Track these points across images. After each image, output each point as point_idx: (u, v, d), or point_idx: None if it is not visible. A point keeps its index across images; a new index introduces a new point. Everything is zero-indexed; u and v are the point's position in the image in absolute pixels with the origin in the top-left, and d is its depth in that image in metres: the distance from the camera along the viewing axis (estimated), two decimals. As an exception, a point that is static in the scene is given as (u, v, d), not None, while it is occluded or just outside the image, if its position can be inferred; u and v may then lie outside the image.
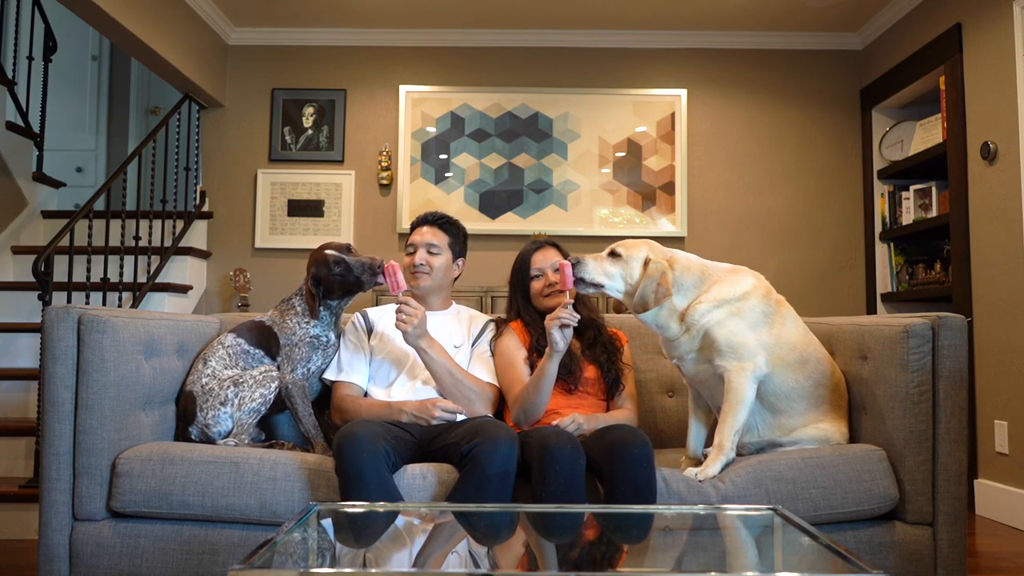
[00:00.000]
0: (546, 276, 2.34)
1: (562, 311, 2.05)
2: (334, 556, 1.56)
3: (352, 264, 2.24)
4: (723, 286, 2.06)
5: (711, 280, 2.08)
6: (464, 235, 2.49)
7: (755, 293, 2.07)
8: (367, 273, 2.23)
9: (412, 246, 2.40)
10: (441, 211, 2.50)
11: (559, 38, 4.67)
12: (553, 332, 2.06)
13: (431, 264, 2.36)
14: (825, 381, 2.11)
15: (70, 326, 2.00)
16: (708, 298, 2.04)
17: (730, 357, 2.00)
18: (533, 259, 2.37)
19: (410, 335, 2.14)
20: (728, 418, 1.99)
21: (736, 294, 2.05)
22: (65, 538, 1.97)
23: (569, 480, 1.83)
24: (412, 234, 2.43)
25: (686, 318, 2.05)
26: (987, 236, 3.45)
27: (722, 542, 1.69)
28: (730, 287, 2.06)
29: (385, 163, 4.61)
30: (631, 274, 2.06)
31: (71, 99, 5.53)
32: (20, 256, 4.20)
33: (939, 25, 3.84)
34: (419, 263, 2.36)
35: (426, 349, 2.17)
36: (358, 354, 2.33)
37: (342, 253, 2.26)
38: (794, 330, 2.10)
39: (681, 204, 4.59)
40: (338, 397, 2.29)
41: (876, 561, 1.95)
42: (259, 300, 4.48)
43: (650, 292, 2.01)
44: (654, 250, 2.09)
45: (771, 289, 2.13)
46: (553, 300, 2.28)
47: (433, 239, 2.38)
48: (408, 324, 2.12)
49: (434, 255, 2.37)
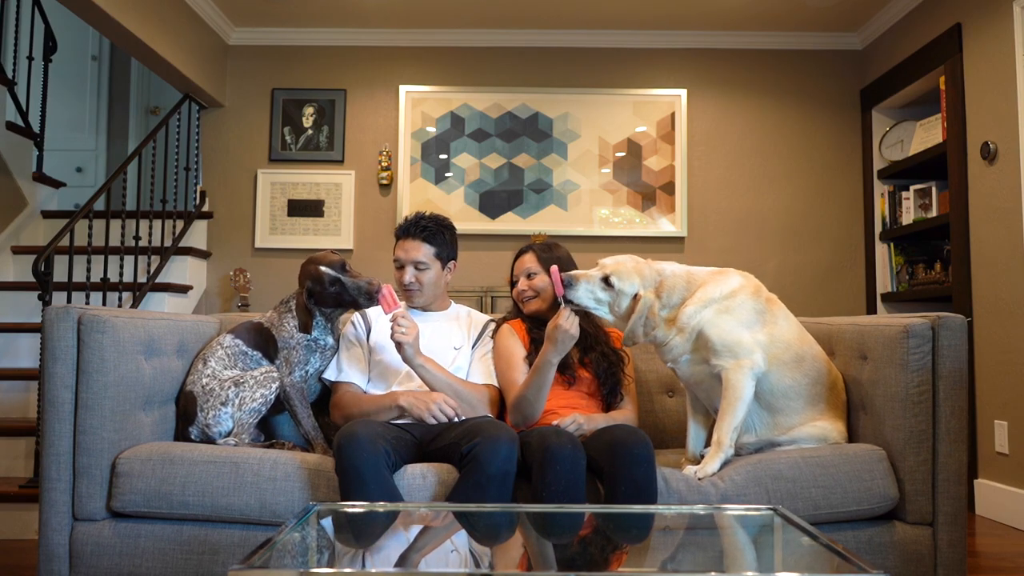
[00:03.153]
0: (521, 282, 2.36)
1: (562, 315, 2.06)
2: (334, 556, 1.56)
3: (348, 286, 2.21)
4: (708, 287, 2.07)
5: (696, 285, 2.09)
6: (452, 237, 2.40)
7: (743, 291, 2.07)
8: (363, 297, 2.21)
9: (399, 261, 2.34)
10: (422, 214, 2.38)
11: (559, 38, 4.67)
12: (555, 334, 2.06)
13: (421, 281, 2.32)
14: (822, 379, 2.11)
15: (70, 326, 2.00)
16: (694, 300, 2.05)
17: (726, 355, 2.00)
18: (514, 267, 2.41)
19: (407, 353, 2.13)
20: (726, 415, 1.99)
21: (722, 293, 2.05)
22: (65, 538, 1.97)
23: (570, 480, 1.83)
24: (397, 246, 2.36)
25: (676, 322, 2.05)
26: (987, 236, 3.45)
27: (722, 542, 1.69)
28: (716, 287, 2.07)
29: (385, 163, 4.61)
30: (619, 305, 2.08)
31: (71, 99, 5.53)
32: (20, 256, 4.20)
33: (939, 25, 3.84)
34: (408, 282, 2.32)
35: (423, 365, 2.17)
36: (357, 355, 2.33)
37: (337, 271, 2.22)
38: (788, 328, 2.10)
39: (681, 204, 4.59)
40: (337, 395, 2.29)
41: (876, 561, 1.95)
42: (259, 300, 4.48)
43: (639, 328, 2.04)
44: (643, 275, 2.09)
45: (761, 287, 2.13)
46: (530, 306, 2.33)
47: (418, 255, 2.31)
48: (408, 336, 2.11)
49: (422, 271, 2.32)
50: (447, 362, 2.29)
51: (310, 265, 2.26)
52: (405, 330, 2.11)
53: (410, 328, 2.12)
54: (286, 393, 2.24)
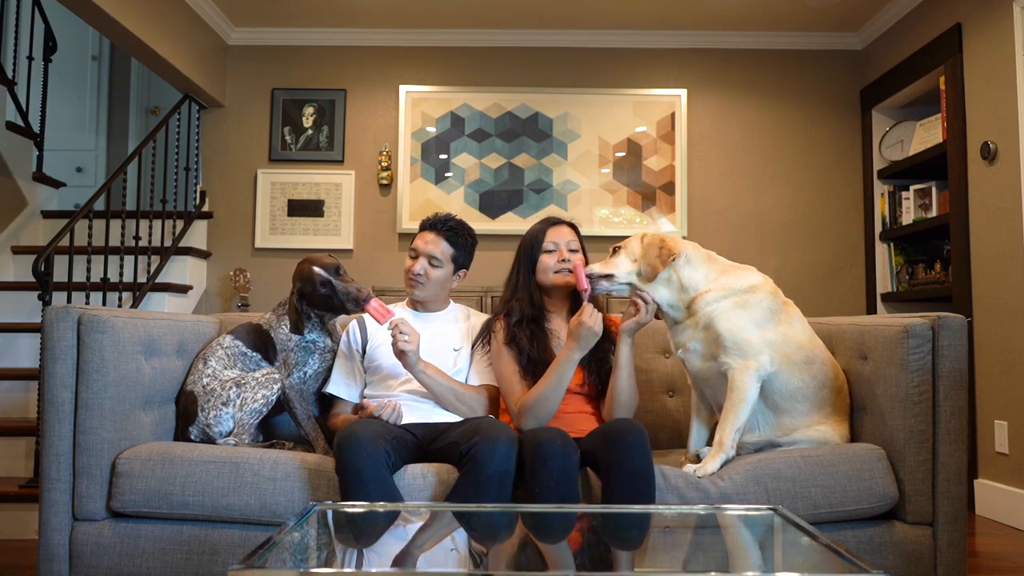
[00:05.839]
0: (560, 251, 2.25)
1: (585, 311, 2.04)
2: (334, 556, 1.56)
3: (338, 289, 2.20)
4: (731, 277, 2.08)
5: (719, 267, 2.11)
6: (472, 248, 2.39)
7: (763, 288, 2.08)
8: (351, 303, 2.19)
9: (415, 251, 2.33)
10: (452, 215, 2.38)
11: (559, 38, 4.67)
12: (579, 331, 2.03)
13: (429, 276, 2.30)
14: (829, 383, 2.10)
15: (70, 326, 2.00)
16: (717, 286, 2.06)
17: (734, 354, 2.00)
18: (548, 232, 2.30)
19: (410, 362, 2.12)
20: (729, 416, 1.99)
21: (744, 286, 2.06)
22: (65, 538, 1.97)
23: (561, 475, 1.83)
24: (418, 236, 2.35)
25: (694, 304, 2.06)
26: (987, 236, 3.45)
27: (722, 542, 1.69)
28: (738, 279, 2.08)
29: (385, 163, 4.61)
30: (632, 252, 2.11)
31: (71, 99, 5.53)
32: (20, 256, 4.20)
33: (939, 25, 3.84)
34: (417, 272, 2.30)
35: (424, 371, 2.16)
36: (348, 368, 2.33)
37: (330, 275, 2.21)
38: (801, 330, 2.10)
39: (681, 204, 4.58)
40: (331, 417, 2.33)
41: (876, 561, 1.95)
42: (259, 300, 4.48)
43: (654, 255, 2.05)
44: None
45: (778, 290, 2.14)
46: (562, 278, 2.24)
47: (437, 251, 2.30)
48: (412, 343, 2.10)
49: (435, 267, 2.31)
50: (447, 364, 2.28)
51: (304, 264, 2.25)
52: (408, 338, 2.09)
53: (412, 336, 2.11)
54: (286, 395, 2.25)
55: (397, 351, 2.10)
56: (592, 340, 2.05)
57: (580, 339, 2.04)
